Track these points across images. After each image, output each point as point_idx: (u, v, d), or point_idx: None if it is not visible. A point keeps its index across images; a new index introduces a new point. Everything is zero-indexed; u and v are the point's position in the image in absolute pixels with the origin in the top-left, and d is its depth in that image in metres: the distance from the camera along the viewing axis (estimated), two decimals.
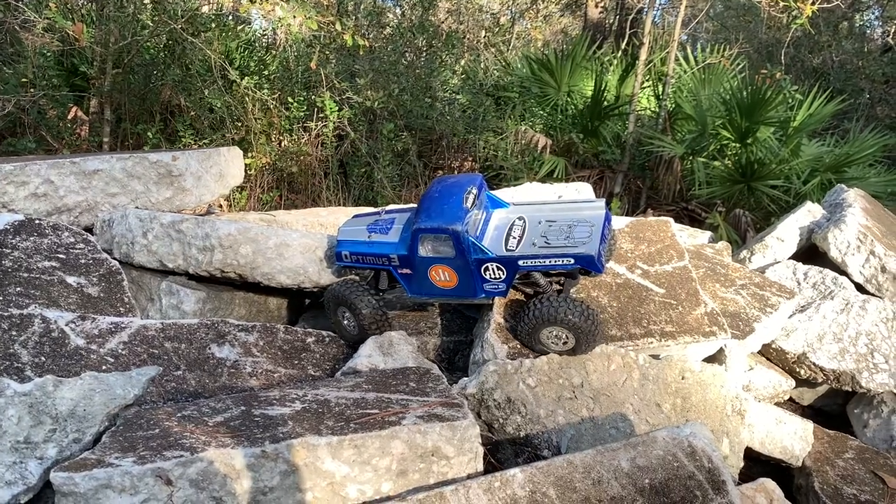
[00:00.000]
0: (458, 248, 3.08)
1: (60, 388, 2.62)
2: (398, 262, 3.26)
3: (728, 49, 8.48)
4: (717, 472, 2.59)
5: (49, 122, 7.68)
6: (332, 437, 2.44)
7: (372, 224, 3.46)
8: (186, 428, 2.52)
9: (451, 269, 3.17)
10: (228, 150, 4.36)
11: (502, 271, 3.12)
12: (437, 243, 3.12)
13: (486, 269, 3.13)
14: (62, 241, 3.47)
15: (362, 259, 3.36)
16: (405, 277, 3.30)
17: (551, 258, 3.05)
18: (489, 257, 3.10)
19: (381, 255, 3.29)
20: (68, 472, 2.24)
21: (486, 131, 8.37)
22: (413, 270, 3.24)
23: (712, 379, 3.25)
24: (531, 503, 2.44)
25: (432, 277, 3.22)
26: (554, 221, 3.24)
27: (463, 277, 3.17)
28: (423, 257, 3.17)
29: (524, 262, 3.08)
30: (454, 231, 3.05)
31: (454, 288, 3.23)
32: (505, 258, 3.10)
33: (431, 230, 3.09)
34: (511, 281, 3.14)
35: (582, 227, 3.17)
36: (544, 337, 3.09)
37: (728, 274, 3.95)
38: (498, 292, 3.23)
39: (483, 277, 3.16)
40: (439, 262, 3.16)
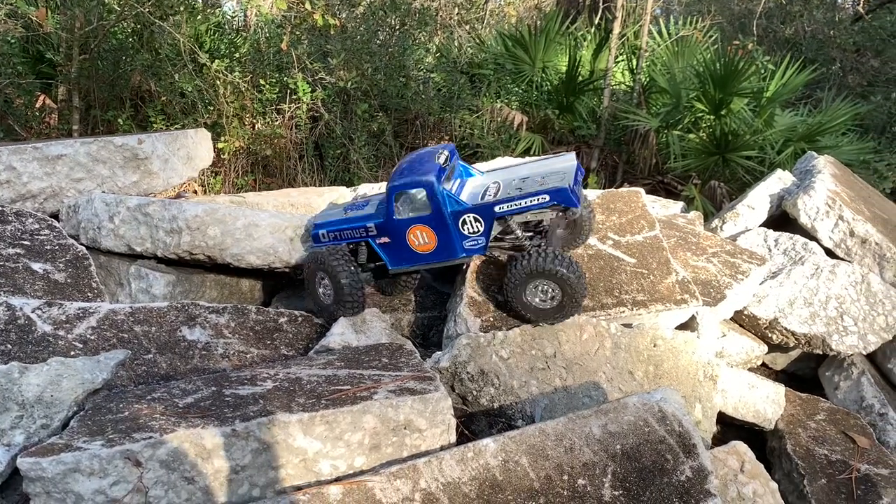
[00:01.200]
0: (434, 203, 3.08)
1: (26, 374, 2.59)
2: (376, 231, 3.26)
3: (701, 21, 8.47)
4: (688, 435, 2.62)
5: (16, 110, 7.53)
6: (303, 414, 2.43)
7: (348, 205, 3.50)
8: (156, 410, 2.51)
9: (428, 229, 3.16)
10: (196, 132, 4.30)
11: (480, 223, 3.11)
12: (413, 202, 3.13)
13: (464, 222, 3.12)
14: (26, 227, 3.41)
15: (340, 235, 3.35)
16: (384, 248, 3.29)
17: (526, 198, 3.04)
18: (465, 207, 3.10)
19: (359, 227, 3.29)
20: (35, 457, 2.22)
21: (462, 109, 8.32)
22: (391, 238, 3.24)
23: (684, 346, 3.28)
24: (504, 472, 2.46)
25: (411, 242, 3.21)
26: (527, 177, 3.27)
27: (441, 236, 3.16)
28: (399, 220, 3.17)
29: (500, 208, 3.07)
30: (427, 182, 3.06)
31: (434, 251, 3.22)
32: (481, 206, 3.09)
33: (405, 185, 3.10)
34: (489, 232, 3.13)
35: (554, 175, 3.20)
36: (530, 293, 3.05)
37: (699, 242, 3.97)
38: (478, 249, 3.21)
39: (461, 233, 3.15)
40: (416, 223, 3.15)
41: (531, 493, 2.43)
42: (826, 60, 9.07)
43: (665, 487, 2.51)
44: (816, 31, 9.38)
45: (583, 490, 2.46)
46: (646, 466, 2.54)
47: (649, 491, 2.50)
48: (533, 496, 2.42)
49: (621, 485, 2.49)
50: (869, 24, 9.65)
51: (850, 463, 3.31)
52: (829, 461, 3.34)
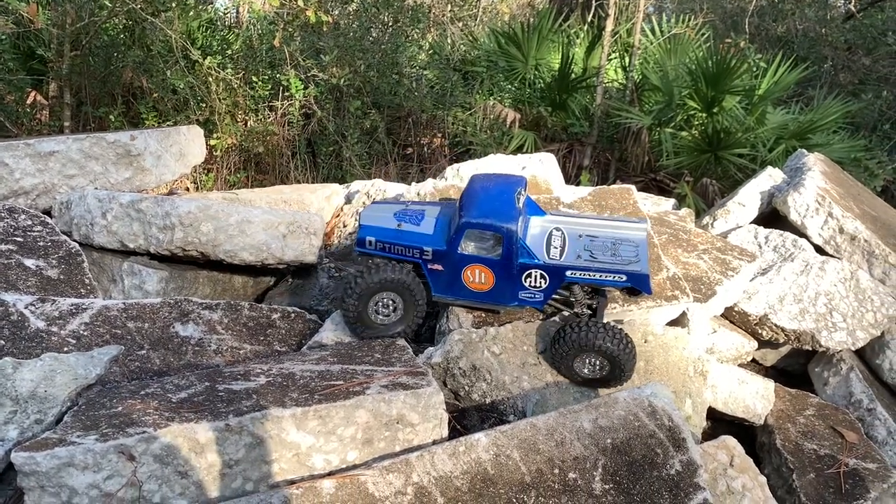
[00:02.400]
0: (507, 250, 2.91)
1: (20, 369, 2.60)
2: (431, 257, 3.03)
3: (693, 19, 8.50)
4: (678, 430, 2.65)
5: (7, 107, 7.50)
6: (296, 409, 2.45)
7: (400, 213, 3.20)
8: (150, 405, 2.52)
9: (488, 271, 2.97)
10: (188, 129, 4.30)
11: (545, 280, 2.97)
12: (483, 241, 2.94)
13: (529, 275, 2.97)
14: (19, 223, 3.41)
15: (390, 248, 3.08)
16: (434, 274, 3.06)
17: (602, 273, 2.93)
18: (536, 263, 2.94)
19: (413, 247, 3.04)
20: (29, 451, 2.22)
21: (455, 107, 8.33)
22: (446, 268, 3.03)
23: (674, 341, 3.31)
24: (495, 466, 2.48)
25: (465, 278, 3.02)
26: (595, 237, 3.12)
27: (501, 281, 2.99)
28: (462, 254, 2.96)
29: (572, 273, 2.95)
30: (508, 231, 2.87)
31: (487, 292, 3.03)
32: (552, 266, 2.95)
33: (482, 226, 2.89)
34: (552, 292, 3.01)
35: (627, 245, 3.06)
36: (578, 364, 2.97)
37: (690, 239, 4.00)
38: (534, 302, 3.05)
39: (522, 284, 2.99)
40: (478, 262, 2.97)
41: (522, 486, 2.45)
42: (818, 58, 9.13)
43: (655, 481, 2.53)
44: (808, 29, 9.44)
45: (574, 484, 2.48)
46: (636, 460, 2.57)
47: (639, 484, 2.52)
48: (524, 490, 2.45)
49: (612, 478, 2.51)
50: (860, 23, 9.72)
51: (839, 458, 3.34)
52: (818, 456, 3.38)
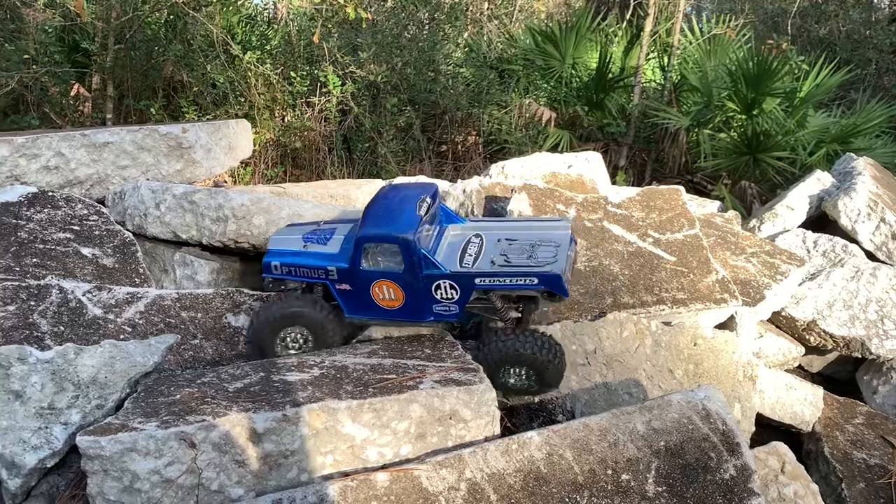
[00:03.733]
0: (408, 261, 2.75)
1: (81, 355, 2.65)
2: (336, 277, 2.89)
3: (734, 19, 8.39)
4: (732, 434, 2.63)
5: (52, 99, 7.64)
6: (351, 401, 2.47)
7: (309, 233, 3.07)
8: (207, 394, 2.56)
9: (396, 287, 2.83)
10: (237, 123, 4.36)
11: (455, 290, 2.80)
12: (384, 255, 2.80)
13: (438, 287, 2.80)
14: (76, 212, 3.48)
15: (295, 271, 2.95)
16: (343, 295, 2.92)
17: (512, 277, 2.75)
18: (442, 273, 2.78)
19: (318, 268, 2.90)
20: (94, 436, 2.27)
21: (490, 105, 8.31)
22: (353, 287, 2.88)
23: (724, 345, 3.28)
24: (548, 465, 2.48)
25: (375, 295, 2.87)
26: (514, 240, 2.95)
27: (410, 297, 2.85)
28: (366, 271, 2.82)
29: (481, 281, 2.77)
30: (404, 240, 2.72)
31: (399, 309, 2.89)
32: (460, 275, 2.78)
33: (377, 238, 2.76)
34: (465, 303, 2.84)
35: (546, 247, 2.89)
36: (504, 375, 2.85)
37: (738, 242, 3.96)
38: (449, 315, 2.88)
39: (433, 297, 2.83)
40: (384, 278, 2.82)
41: (575, 486, 2.44)
42: (861, 61, 8.96)
43: (709, 485, 2.52)
44: (852, 30, 9.27)
45: (626, 485, 2.47)
46: (689, 463, 2.55)
47: (693, 488, 2.51)
48: (577, 490, 2.44)
49: (665, 481, 2.50)
50: None
51: (889, 468, 3.29)
52: (868, 465, 3.33)
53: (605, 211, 3.56)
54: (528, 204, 3.46)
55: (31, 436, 2.44)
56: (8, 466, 2.38)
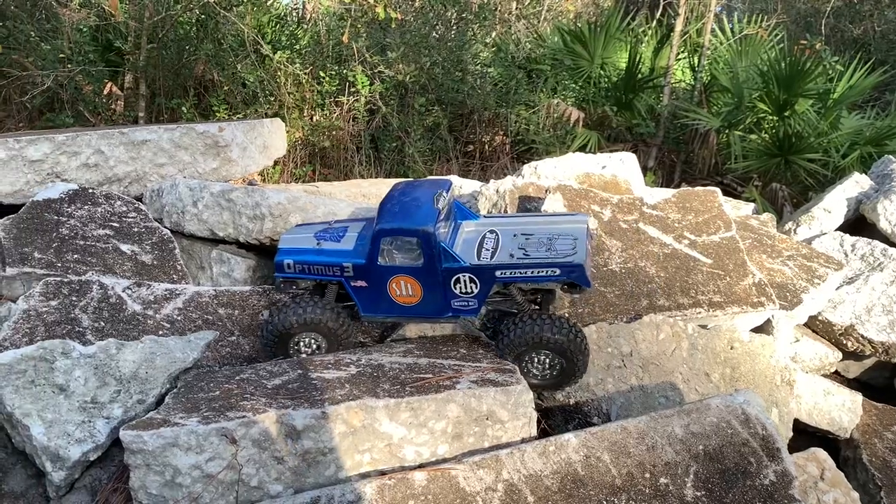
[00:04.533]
0: (427, 255, 2.71)
1: (123, 350, 2.69)
2: (352, 273, 2.83)
3: (765, 19, 8.29)
4: (772, 439, 2.60)
5: (86, 97, 7.75)
6: (389, 400, 2.48)
7: (321, 231, 3.03)
8: (246, 390, 2.58)
9: (414, 282, 2.78)
10: (271, 122, 4.39)
11: (475, 284, 2.75)
12: (402, 249, 2.75)
13: (458, 280, 2.75)
14: (115, 209, 3.53)
15: (309, 269, 2.89)
16: (359, 292, 2.86)
17: (534, 268, 2.71)
18: (461, 266, 2.73)
19: (333, 265, 2.84)
20: (137, 430, 2.30)
21: (518, 105, 8.29)
22: (370, 283, 2.83)
23: (761, 349, 3.24)
24: (586, 467, 2.47)
25: (392, 292, 2.82)
26: (531, 234, 2.89)
27: (428, 292, 2.79)
28: (383, 266, 2.77)
29: (502, 273, 2.72)
30: (424, 233, 2.67)
31: (416, 305, 2.84)
32: (480, 268, 2.73)
33: (396, 231, 2.71)
34: (485, 297, 2.79)
35: (564, 239, 2.84)
36: (526, 366, 2.80)
37: (775, 245, 3.91)
38: (468, 311, 2.83)
39: (452, 292, 2.78)
40: (402, 273, 2.77)
41: (613, 489, 2.43)
42: None
43: (748, 490, 2.49)
44: (887, 30, 9.10)
45: (665, 489, 2.45)
46: (728, 468, 2.52)
47: (732, 493, 2.48)
48: (615, 493, 2.43)
49: (704, 485, 2.48)
50: None
51: None
52: None
53: (640, 212, 3.54)
54: (563, 204, 3.44)
55: (75, 429, 2.48)
56: (53, 459, 2.43)
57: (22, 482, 2.54)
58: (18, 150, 3.65)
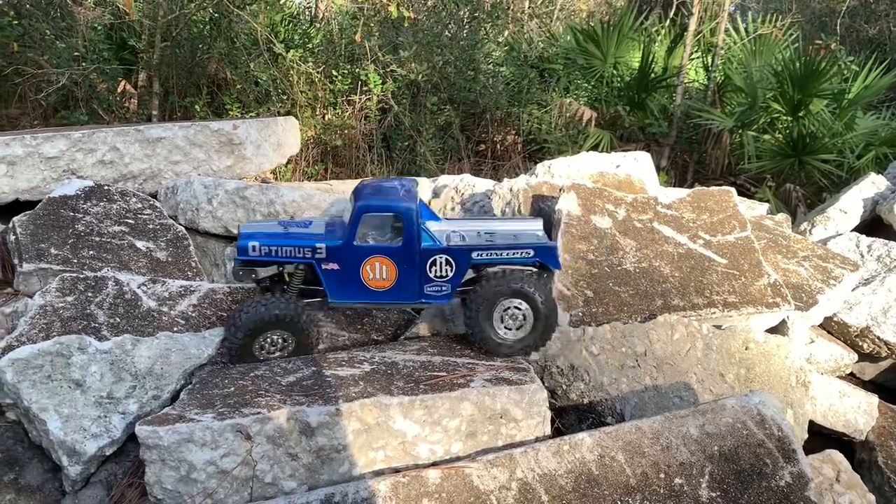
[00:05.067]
0: (408, 233, 2.73)
1: (138, 346, 2.70)
2: (325, 255, 2.80)
3: (780, 19, 8.24)
4: (788, 440, 2.58)
5: (100, 95, 7.80)
6: (403, 397, 2.48)
7: (284, 221, 3.01)
8: (261, 387, 2.59)
9: (390, 264, 2.78)
10: (285, 120, 4.40)
11: (451, 266, 2.79)
12: (381, 229, 2.77)
13: (434, 263, 2.78)
14: (130, 206, 3.55)
15: (277, 251, 2.83)
16: (330, 276, 2.82)
17: (509, 250, 2.80)
18: (440, 247, 2.77)
19: (304, 247, 2.81)
20: (152, 426, 2.31)
21: (530, 104, 8.28)
22: (342, 265, 2.80)
23: (776, 350, 3.22)
24: (600, 467, 2.46)
25: (364, 275, 2.79)
26: (494, 232, 2.95)
27: (403, 275, 2.79)
28: (360, 246, 2.77)
29: (478, 255, 2.79)
30: (407, 210, 2.71)
31: (389, 290, 2.82)
32: (457, 249, 2.78)
33: (380, 208, 2.73)
34: (459, 281, 2.83)
35: (526, 235, 2.94)
36: (497, 317, 2.80)
37: (790, 245, 3.88)
38: (440, 297, 2.84)
39: (427, 275, 2.80)
40: (378, 254, 2.77)
41: (627, 489, 2.42)
42: None
43: (764, 492, 2.47)
44: None
45: (679, 489, 2.44)
46: (744, 469, 2.51)
47: (747, 494, 2.46)
48: (629, 492, 2.42)
49: (719, 486, 2.46)
50: None
51: None
52: None
53: (654, 212, 3.52)
54: (577, 203, 3.43)
55: (91, 424, 2.50)
56: (69, 453, 2.44)
57: (38, 476, 2.56)
58: (35, 147, 3.68)
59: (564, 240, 3.33)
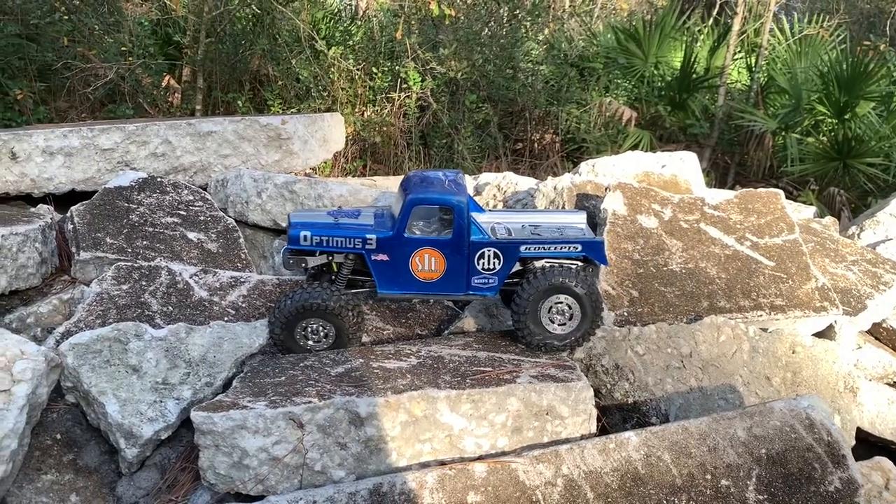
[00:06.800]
0: (458, 226, 2.77)
1: (192, 334, 2.77)
2: (375, 246, 2.83)
3: (827, 19, 8.08)
4: (837, 445, 2.55)
5: (145, 89, 7.97)
6: (450, 391, 2.51)
7: (332, 212, 3.04)
8: (310, 377, 2.64)
9: (439, 255, 2.82)
10: (331, 116, 4.47)
11: (499, 259, 2.83)
12: (432, 221, 2.80)
13: (482, 256, 2.82)
14: (182, 198, 3.64)
15: (328, 242, 2.86)
16: (379, 266, 2.85)
17: (557, 245, 2.83)
18: (488, 241, 2.81)
19: (355, 237, 2.84)
20: (207, 412, 2.38)
21: (569, 103, 8.25)
22: (392, 257, 2.84)
23: (824, 354, 3.18)
24: (646, 466, 2.46)
25: (414, 266, 2.83)
26: (538, 225, 2.98)
27: (452, 266, 2.82)
28: (409, 238, 2.80)
29: (527, 249, 2.82)
30: (458, 203, 2.75)
31: (437, 281, 2.85)
32: (506, 242, 2.82)
33: (431, 201, 2.77)
34: (505, 276, 2.86)
35: (571, 230, 2.96)
36: (545, 311, 2.81)
37: (838, 249, 3.82)
38: (487, 289, 2.87)
39: (475, 268, 2.84)
40: (428, 246, 2.81)
41: (673, 489, 2.42)
42: None
43: (812, 497, 2.45)
44: None
45: (726, 491, 2.43)
46: (792, 473, 2.48)
47: (795, 499, 2.44)
48: (675, 492, 2.41)
49: (766, 489, 2.44)
50: None
51: None
52: None
53: (701, 212, 3.50)
54: (623, 202, 3.43)
55: (147, 408, 2.57)
56: (126, 436, 2.52)
57: (96, 458, 2.64)
58: (91, 139, 3.79)
59: (610, 239, 3.33)
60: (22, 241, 3.14)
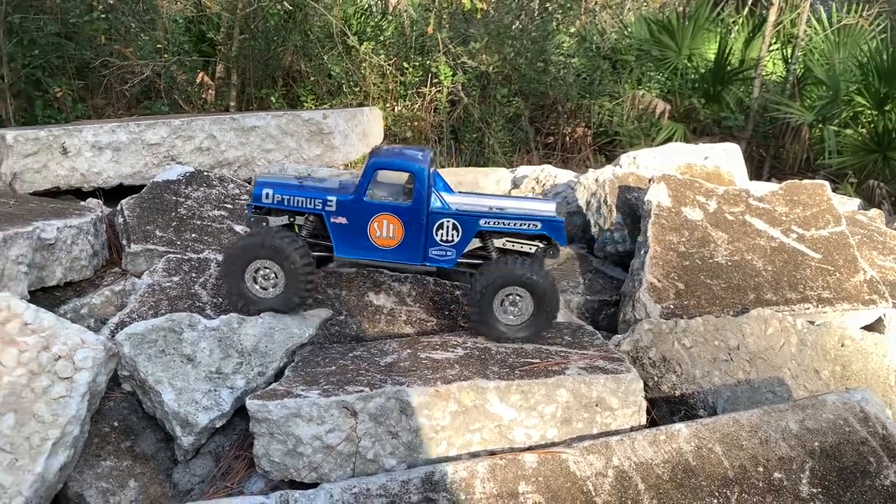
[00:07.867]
0: (418, 194, 2.77)
1: (244, 325, 2.82)
2: (335, 208, 2.85)
3: (866, 9, 7.94)
4: (893, 439, 2.52)
5: (180, 86, 8.09)
6: (499, 382, 2.52)
7: (300, 177, 3.08)
8: (360, 367, 2.67)
9: (398, 222, 2.83)
10: (370, 111, 4.51)
11: (457, 231, 2.84)
12: (391, 188, 2.82)
13: (441, 226, 2.84)
14: (228, 191, 3.69)
15: (289, 201, 2.89)
16: (337, 229, 2.87)
17: (516, 220, 2.81)
18: (447, 211, 2.81)
19: (316, 198, 2.86)
20: (262, 400, 2.42)
21: (602, 96, 8.21)
22: (350, 220, 2.85)
23: (874, 348, 3.14)
24: (697, 458, 2.45)
25: (371, 231, 2.86)
26: (504, 208, 2.93)
27: (409, 235, 2.84)
28: (368, 203, 2.82)
29: (486, 222, 2.82)
30: (419, 170, 2.76)
31: (394, 248, 2.88)
32: (465, 213, 2.82)
33: (392, 165, 2.80)
34: (464, 247, 2.86)
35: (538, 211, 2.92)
36: (498, 303, 2.82)
37: (886, 242, 3.77)
38: (444, 261, 2.88)
39: (433, 238, 2.85)
40: (386, 211, 2.82)
41: (725, 481, 2.41)
42: None
43: (867, 490, 2.42)
44: None
45: (779, 484, 2.41)
46: (846, 467, 2.46)
47: (850, 492, 2.42)
48: (727, 484, 2.40)
49: (820, 483, 2.42)
50: None
51: None
52: None
53: (746, 204, 3.47)
54: (667, 194, 3.41)
55: (202, 397, 2.62)
56: (182, 424, 2.57)
57: (152, 445, 2.70)
58: (138, 134, 3.87)
59: (654, 230, 3.31)
60: (76, 234, 3.21)
